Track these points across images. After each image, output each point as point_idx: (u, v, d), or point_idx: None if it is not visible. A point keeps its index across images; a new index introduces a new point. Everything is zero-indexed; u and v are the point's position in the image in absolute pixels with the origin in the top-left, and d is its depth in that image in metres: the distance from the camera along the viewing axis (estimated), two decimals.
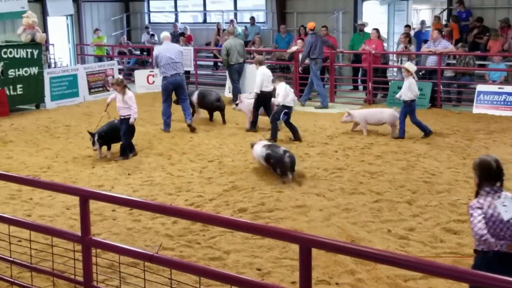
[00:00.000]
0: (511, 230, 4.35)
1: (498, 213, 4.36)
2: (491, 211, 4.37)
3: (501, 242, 4.32)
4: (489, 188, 4.44)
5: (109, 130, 10.07)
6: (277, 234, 3.89)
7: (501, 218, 4.36)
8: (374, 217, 7.28)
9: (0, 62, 14.26)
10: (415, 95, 11.15)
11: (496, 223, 4.35)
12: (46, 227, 5.22)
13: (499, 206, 4.37)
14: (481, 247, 4.40)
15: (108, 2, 23.08)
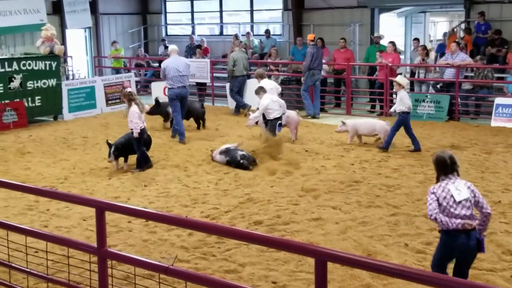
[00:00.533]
0: (465, 209, 5.07)
1: (451, 195, 5.08)
2: (444, 194, 5.11)
3: (456, 221, 5.02)
4: (445, 177, 5.21)
5: (126, 142, 10.12)
6: (292, 247, 3.86)
7: (453, 199, 5.07)
8: (391, 231, 7.21)
9: (19, 74, 14.44)
10: (408, 107, 11.17)
11: (449, 204, 5.07)
12: (63, 238, 5.23)
13: (452, 190, 5.10)
14: (441, 228, 5.09)
15: (126, 15, 23.31)
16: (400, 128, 11.24)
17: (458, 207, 5.08)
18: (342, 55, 16.55)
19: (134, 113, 9.98)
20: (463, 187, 5.18)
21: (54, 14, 20.09)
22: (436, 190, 5.18)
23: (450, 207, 5.08)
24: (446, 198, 5.10)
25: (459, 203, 5.09)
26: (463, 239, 5.04)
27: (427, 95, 14.61)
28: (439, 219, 5.05)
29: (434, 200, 5.13)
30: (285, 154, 10.79)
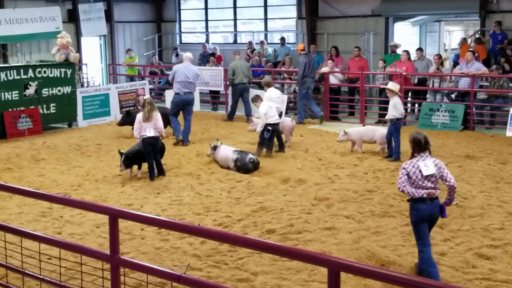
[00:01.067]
0: (430, 182, 5.93)
1: (419, 170, 5.91)
2: (414, 170, 5.94)
3: (421, 191, 5.90)
4: (418, 154, 6.02)
5: (137, 150, 10.15)
6: (305, 257, 3.84)
7: (421, 174, 5.90)
8: (404, 241, 7.15)
9: (34, 81, 14.57)
10: (401, 113, 11.16)
11: (418, 178, 5.92)
12: (76, 246, 5.25)
13: (421, 166, 5.91)
14: (408, 198, 6.04)
15: (141, 23, 23.47)
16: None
17: (425, 181, 5.92)
18: (357, 63, 16.53)
19: (136, 120, 10.15)
20: (431, 164, 5.98)
21: (69, 22, 20.28)
22: (407, 166, 6.02)
23: (419, 180, 5.93)
24: (415, 173, 5.94)
25: (426, 177, 5.92)
26: (427, 206, 5.96)
27: (442, 104, 14.53)
28: (406, 190, 5.96)
29: (404, 174, 5.99)
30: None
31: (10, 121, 13.95)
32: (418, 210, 5.97)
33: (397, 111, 11.07)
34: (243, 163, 10.50)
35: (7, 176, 10.45)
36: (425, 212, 5.97)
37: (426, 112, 14.53)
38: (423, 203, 5.95)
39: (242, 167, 10.49)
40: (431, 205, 5.97)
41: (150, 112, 10.00)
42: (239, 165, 10.53)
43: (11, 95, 14.15)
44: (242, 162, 10.51)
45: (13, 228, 5.43)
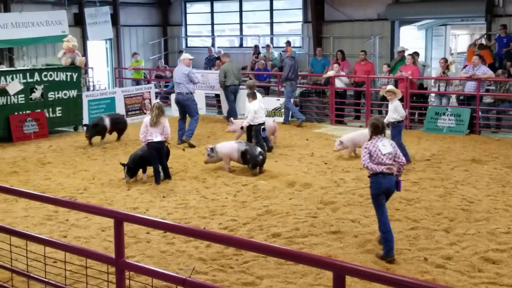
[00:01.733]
0: (388, 159, 6.77)
1: (379, 150, 6.77)
2: (374, 149, 6.79)
3: (381, 167, 6.71)
4: (375, 136, 6.86)
5: (139, 157, 10.18)
6: (311, 260, 3.83)
7: (381, 152, 6.76)
8: (410, 245, 7.13)
9: (40, 85, 14.62)
10: (402, 116, 10.97)
11: (378, 155, 6.76)
12: (81, 249, 5.25)
13: (380, 146, 6.79)
14: (370, 173, 6.79)
15: (147, 27, 23.53)
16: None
17: (384, 158, 6.77)
18: (363, 67, 16.50)
19: (143, 123, 10.14)
20: (388, 144, 6.90)
21: (75, 25, 20.36)
22: (368, 146, 6.86)
23: (379, 157, 6.76)
24: (375, 152, 6.79)
25: (384, 155, 6.78)
26: (386, 180, 6.76)
27: (448, 108, 14.49)
28: (369, 166, 6.76)
29: (366, 153, 6.82)
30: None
31: (16, 125, 14.00)
32: (378, 183, 6.78)
33: (398, 114, 10.91)
34: (252, 156, 10.49)
35: (13, 179, 10.48)
36: (384, 185, 6.78)
37: (432, 116, 14.49)
38: (382, 178, 6.75)
39: (251, 160, 10.48)
40: (389, 180, 6.79)
41: (158, 117, 9.97)
42: (248, 158, 10.50)
43: (17, 98, 14.19)
44: (252, 155, 10.49)
45: (18, 231, 5.44)
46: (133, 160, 10.16)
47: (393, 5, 18.29)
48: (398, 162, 6.83)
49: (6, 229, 5.42)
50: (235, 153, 10.70)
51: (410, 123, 15.13)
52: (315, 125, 15.77)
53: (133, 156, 10.26)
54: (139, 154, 10.24)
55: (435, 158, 11.65)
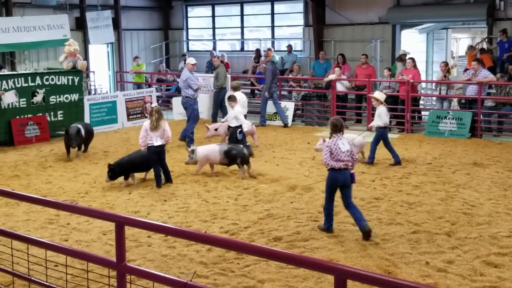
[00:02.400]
0: (347, 157, 7.53)
1: (339, 147, 7.51)
2: (334, 147, 7.51)
3: (340, 163, 7.47)
4: (335, 134, 7.60)
5: (123, 162, 10.22)
6: (312, 264, 3.82)
7: (340, 150, 7.51)
8: (412, 249, 7.11)
9: (42, 89, 14.65)
10: (384, 123, 11.28)
11: (338, 152, 7.50)
12: (82, 253, 5.25)
13: (339, 144, 7.51)
14: (329, 167, 7.58)
15: (148, 31, 23.57)
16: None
17: (343, 155, 7.51)
18: (364, 71, 16.52)
19: (142, 127, 10.09)
20: (346, 142, 7.63)
21: (77, 29, 20.40)
22: (330, 144, 7.57)
23: (338, 155, 7.50)
24: (336, 149, 7.51)
25: (344, 152, 7.52)
26: (342, 174, 7.54)
27: (449, 112, 14.49)
28: (330, 163, 7.51)
29: (328, 151, 7.54)
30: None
31: (17, 129, 14.02)
32: (334, 178, 7.59)
33: (381, 121, 11.22)
34: (238, 151, 10.60)
35: (14, 183, 10.49)
36: (340, 179, 7.56)
37: (433, 119, 14.49)
38: (339, 173, 7.53)
39: (238, 155, 10.55)
40: (345, 174, 7.57)
41: (158, 120, 9.95)
42: (234, 154, 10.57)
43: (19, 102, 14.21)
44: (237, 150, 10.62)
45: (20, 235, 5.44)
46: (118, 163, 10.18)
47: (394, 9, 18.31)
48: (353, 158, 7.65)
49: (7, 232, 5.42)
50: (216, 155, 10.72)
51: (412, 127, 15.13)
52: (316, 129, 15.77)
53: (119, 160, 10.30)
54: (125, 159, 10.30)
55: (437, 161, 11.64)
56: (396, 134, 14.88)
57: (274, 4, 21.68)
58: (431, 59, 19.94)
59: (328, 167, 7.61)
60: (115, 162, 10.26)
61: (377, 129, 11.36)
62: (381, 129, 11.30)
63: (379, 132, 11.33)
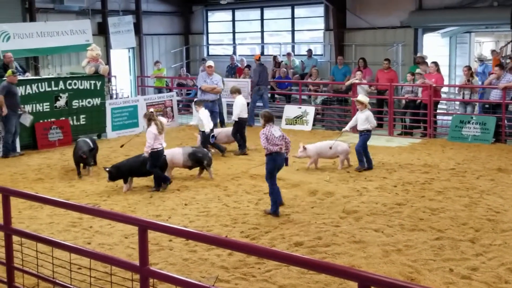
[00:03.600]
0: (279, 141, 8.66)
1: (272, 134, 8.63)
2: (269, 134, 8.64)
3: (275, 147, 8.62)
4: (268, 125, 8.75)
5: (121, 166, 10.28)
6: (334, 270, 3.79)
7: (274, 136, 8.63)
8: (435, 255, 7.03)
9: (65, 93, 14.80)
10: (372, 126, 11.37)
11: (272, 138, 8.63)
12: (106, 256, 5.27)
13: (273, 131, 8.67)
14: (267, 152, 8.66)
15: (169, 35, 23.70)
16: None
17: (276, 140, 8.64)
18: (386, 75, 16.43)
19: (150, 133, 10.03)
20: (278, 130, 8.82)
21: (99, 34, 20.58)
22: (265, 132, 8.69)
23: (273, 140, 8.63)
24: (270, 136, 8.63)
25: (277, 138, 8.65)
26: (278, 157, 8.70)
27: (473, 117, 14.33)
28: (268, 147, 8.63)
29: (264, 137, 8.66)
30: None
31: (41, 132, 14.18)
32: (274, 160, 8.69)
33: (369, 124, 11.27)
34: (204, 154, 10.91)
35: (38, 186, 10.61)
36: (277, 161, 8.71)
37: (456, 124, 14.35)
38: (276, 155, 8.67)
39: (205, 157, 10.81)
40: (280, 157, 8.73)
41: (161, 123, 10.14)
42: (200, 156, 10.79)
43: (43, 106, 14.39)
44: (203, 153, 10.91)
45: (44, 238, 5.49)
46: (117, 168, 10.23)
47: (416, 12, 18.18)
48: (286, 141, 8.76)
49: (32, 235, 5.47)
50: (179, 157, 10.79)
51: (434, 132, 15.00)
52: (337, 133, 15.67)
53: (119, 164, 10.34)
54: (117, 165, 10.33)
55: (460, 167, 11.52)
56: (418, 139, 14.76)
57: (295, 8, 21.66)
58: (453, 63, 19.75)
59: (267, 152, 8.71)
60: (114, 166, 10.32)
61: (363, 133, 11.29)
62: (368, 132, 11.30)
63: (366, 135, 11.32)
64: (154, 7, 22.90)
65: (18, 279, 5.45)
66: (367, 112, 11.32)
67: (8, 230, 5.17)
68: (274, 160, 8.68)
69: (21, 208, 9.06)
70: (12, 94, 13.20)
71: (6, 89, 13.15)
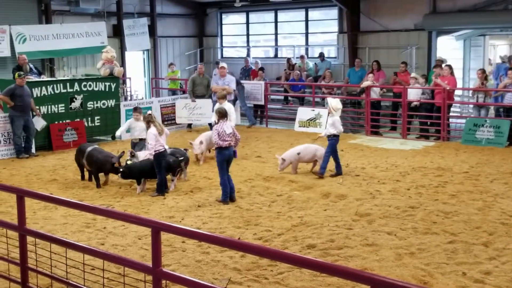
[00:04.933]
0: (230, 137, 9.60)
1: (224, 130, 9.52)
2: (221, 130, 9.51)
3: (225, 142, 9.51)
4: (221, 121, 9.61)
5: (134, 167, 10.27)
6: (347, 273, 3.79)
7: (225, 132, 9.52)
8: (448, 259, 7.01)
9: (80, 95, 14.92)
10: (339, 131, 11.26)
11: (223, 134, 9.52)
12: (119, 257, 5.31)
13: (224, 127, 9.56)
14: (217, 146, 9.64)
15: (183, 38, 23.80)
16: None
17: (227, 136, 9.54)
18: (401, 78, 16.39)
19: (150, 134, 10.02)
20: (229, 126, 9.68)
21: (114, 36, 20.71)
22: (218, 128, 9.55)
23: (224, 136, 9.51)
24: (221, 132, 9.50)
25: (227, 134, 9.54)
26: (228, 150, 9.62)
27: (486, 120, 14.25)
28: (218, 142, 9.49)
29: (216, 133, 9.52)
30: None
31: (56, 134, 14.30)
32: (223, 154, 9.57)
33: (335, 129, 11.20)
34: (182, 154, 10.91)
35: (53, 187, 10.70)
36: (226, 155, 9.60)
37: (470, 127, 14.27)
38: (226, 150, 9.59)
39: (184, 158, 10.77)
40: (229, 151, 9.67)
41: (160, 125, 10.24)
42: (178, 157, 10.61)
43: (58, 108, 14.52)
44: (180, 153, 10.87)
45: (58, 239, 5.53)
46: (129, 168, 10.24)
47: (430, 15, 18.09)
48: (236, 138, 9.85)
49: (46, 236, 5.52)
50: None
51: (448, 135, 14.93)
52: (350, 136, 15.68)
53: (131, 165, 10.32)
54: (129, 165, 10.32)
55: (474, 170, 11.46)
56: (432, 142, 14.70)
57: (308, 11, 21.66)
58: (467, 66, 19.63)
59: (217, 146, 9.59)
60: (126, 166, 10.31)
61: (330, 137, 11.24)
62: (335, 137, 11.24)
63: (333, 140, 11.23)
64: (168, 9, 23.02)
65: (32, 280, 5.50)
66: (335, 117, 11.25)
67: (22, 230, 5.23)
68: (223, 154, 9.56)
69: (36, 209, 9.15)
70: (17, 96, 13.28)
71: (11, 91, 13.27)
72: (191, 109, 16.52)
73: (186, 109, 16.36)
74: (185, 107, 16.45)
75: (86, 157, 10.81)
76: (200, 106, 16.58)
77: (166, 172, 10.28)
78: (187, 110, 16.40)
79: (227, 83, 15.82)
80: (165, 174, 10.25)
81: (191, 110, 16.47)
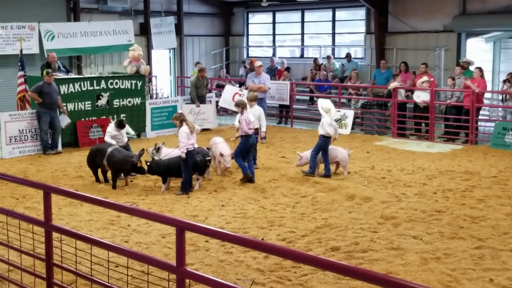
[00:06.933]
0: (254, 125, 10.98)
1: (249, 119, 10.61)
2: (248, 119, 10.69)
3: (251, 131, 10.75)
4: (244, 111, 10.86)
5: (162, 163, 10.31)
6: (371, 277, 3.72)
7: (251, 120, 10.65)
8: (475, 265, 6.88)
9: (106, 92, 15.03)
10: (326, 133, 11.10)
11: (250, 122, 10.61)
12: (143, 255, 5.31)
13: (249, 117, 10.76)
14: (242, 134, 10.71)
15: (209, 37, 23.86)
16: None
17: (251, 124, 10.65)
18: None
19: (182, 133, 9.98)
20: (252, 115, 10.91)
21: (141, 35, 20.86)
22: (245, 118, 10.62)
23: (249, 124, 10.62)
24: (247, 120, 10.59)
25: (252, 122, 10.68)
26: (251, 138, 10.74)
27: None
28: (247, 131, 10.65)
29: (245, 122, 10.63)
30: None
31: (82, 131, 14.44)
32: (247, 142, 10.66)
33: (323, 130, 11.10)
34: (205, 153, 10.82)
35: (78, 183, 10.79)
36: (250, 143, 10.73)
37: (499, 131, 14.03)
38: (250, 138, 10.69)
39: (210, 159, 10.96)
40: (253, 138, 10.82)
41: (192, 124, 10.22)
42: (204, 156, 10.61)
43: (84, 105, 14.65)
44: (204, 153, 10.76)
45: (83, 235, 5.56)
46: (156, 163, 10.27)
47: (460, 17, 17.85)
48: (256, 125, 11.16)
49: (71, 232, 5.55)
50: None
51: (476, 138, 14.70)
52: (376, 138, 15.54)
53: (159, 161, 10.36)
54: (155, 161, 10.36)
55: (502, 175, 11.25)
56: (460, 145, 14.49)
57: (336, 11, 21.54)
58: (497, 68, 19.30)
59: (243, 134, 10.59)
60: (154, 163, 10.33)
61: (320, 138, 11.18)
62: (324, 138, 11.13)
63: (322, 141, 11.14)
64: (195, 8, 23.10)
65: (57, 276, 5.54)
66: (324, 119, 11.20)
67: (48, 226, 5.26)
68: (247, 142, 10.63)
69: (62, 205, 9.23)
70: (45, 93, 13.43)
71: (39, 88, 13.43)
72: (196, 114, 16.53)
73: (192, 114, 16.26)
74: (191, 112, 16.36)
75: (107, 157, 10.55)
76: (204, 111, 16.71)
77: (192, 171, 10.28)
78: (192, 115, 16.26)
79: (263, 81, 15.95)
80: (192, 173, 10.26)
81: (196, 115, 16.43)
